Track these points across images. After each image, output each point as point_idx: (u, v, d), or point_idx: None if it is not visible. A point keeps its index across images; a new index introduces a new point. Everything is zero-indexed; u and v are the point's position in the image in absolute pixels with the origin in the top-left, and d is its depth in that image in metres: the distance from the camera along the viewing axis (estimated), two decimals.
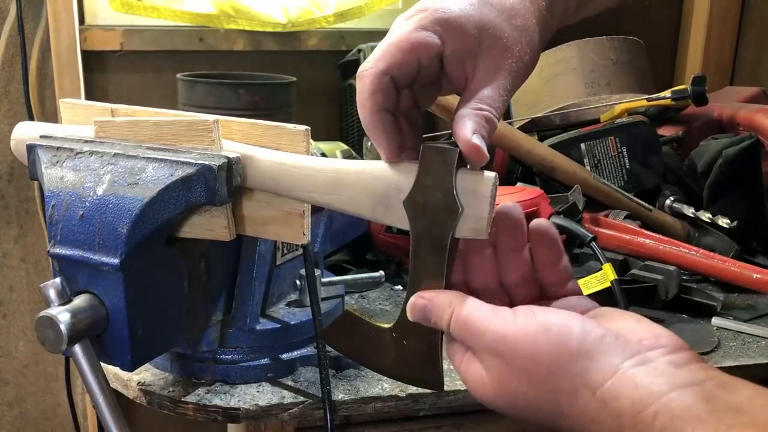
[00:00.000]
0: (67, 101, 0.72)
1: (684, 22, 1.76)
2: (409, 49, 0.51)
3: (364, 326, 0.57)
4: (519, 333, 0.46)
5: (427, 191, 0.51)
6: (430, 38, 0.51)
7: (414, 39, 0.51)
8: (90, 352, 0.60)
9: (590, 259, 0.98)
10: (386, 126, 0.52)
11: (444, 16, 0.52)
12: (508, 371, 0.46)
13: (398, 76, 0.52)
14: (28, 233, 1.58)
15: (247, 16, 1.53)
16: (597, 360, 0.44)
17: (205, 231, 0.64)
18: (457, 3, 0.53)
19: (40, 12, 1.46)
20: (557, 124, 1.33)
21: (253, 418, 0.73)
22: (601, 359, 0.44)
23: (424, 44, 0.51)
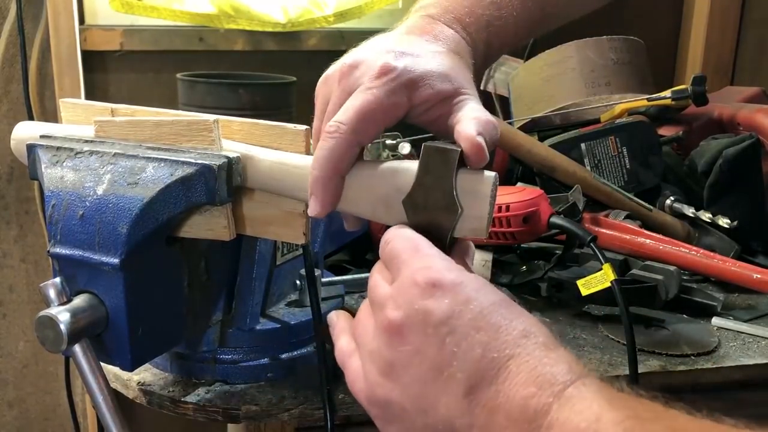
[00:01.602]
0: (67, 101, 0.72)
1: (684, 22, 1.76)
2: (382, 117, 0.54)
3: None
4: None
5: (427, 191, 0.51)
6: (400, 102, 0.54)
7: (387, 106, 0.54)
8: (90, 352, 0.60)
9: (590, 259, 0.98)
10: (337, 190, 0.54)
11: (412, 77, 0.55)
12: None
13: (366, 143, 0.55)
14: (28, 233, 1.58)
15: (246, 16, 1.53)
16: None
17: (205, 231, 0.64)
18: (421, 60, 0.56)
19: (40, 12, 1.46)
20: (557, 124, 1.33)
21: (253, 418, 0.73)
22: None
23: (394, 110, 0.54)
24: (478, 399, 0.42)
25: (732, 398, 0.84)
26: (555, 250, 1.03)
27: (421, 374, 0.44)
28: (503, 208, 0.93)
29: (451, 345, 0.43)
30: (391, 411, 0.46)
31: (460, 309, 0.44)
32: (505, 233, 0.94)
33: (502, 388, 0.42)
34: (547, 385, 0.41)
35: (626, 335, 0.77)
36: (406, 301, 0.46)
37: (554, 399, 0.40)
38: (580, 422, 0.38)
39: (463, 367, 0.43)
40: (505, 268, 1.03)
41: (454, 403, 0.43)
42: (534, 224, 0.93)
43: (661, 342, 0.86)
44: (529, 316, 0.45)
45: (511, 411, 0.41)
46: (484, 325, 0.43)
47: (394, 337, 0.46)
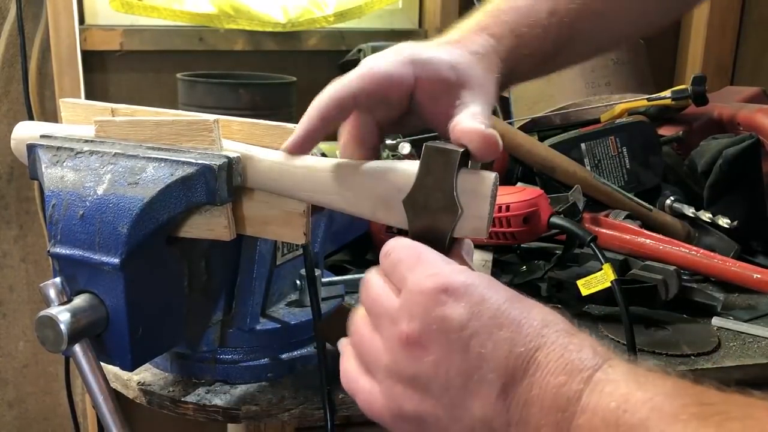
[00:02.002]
0: (67, 101, 0.72)
1: (684, 22, 1.76)
2: (382, 79, 0.55)
3: None
4: None
5: (428, 191, 0.51)
6: (405, 76, 0.55)
7: (389, 71, 0.55)
8: (90, 352, 0.60)
9: (590, 259, 0.98)
10: (315, 130, 0.56)
11: (420, 58, 0.56)
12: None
13: (364, 102, 0.55)
14: (28, 233, 1.58)
15: (246, 16, 1.53)
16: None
17: (205, 231, 0.63)
18: (431, 49, 0.57)
19: (40, 12, 1.46)
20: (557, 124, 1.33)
21: (253, 418, 0.73)
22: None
23: (398, 81, 0.55)
24: (513, 396, 0.42)
25: None
26: (555, 250, 1.03)
27: (450, 382, 0.44)
28: (503, 208, 0.93)
29: (477, 347, 0.43)
30: (423, 424, 0.46)
31: (478, 310, 0.44)
32: (505, 233, 0.94)
33: (533, 380, 0.42)
34: (576, 372, 0.41)
35: (626, 335, 0.77)
36: (420, 311, 0.45)
37: (584, 385, 0.40)
38: (610, 403, 0.39)
39: (492, 366, 0.43)
40: (505, 268, 1.03)
41: (489, 405, 0.43)
42: (534, 224, 0.93)
43: (661, 342, 0.86)
44: (543, 306, 0.45)
45: (544, 402, 0.41)
46: (505, 322, 0.43)
47: (415, 350, 0.45)
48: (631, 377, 0.40)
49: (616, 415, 0.38)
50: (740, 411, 0.36)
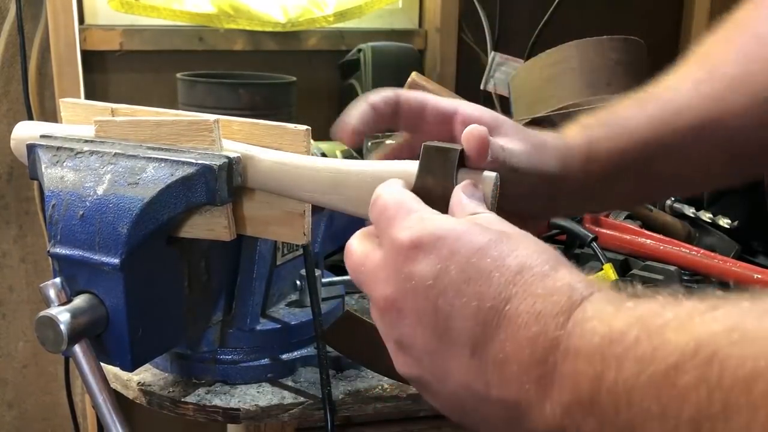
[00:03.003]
0: (67, 101, 0.72)
1: (684, 22, 1.76)
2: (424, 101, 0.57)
3: (364, 327, 0.57)
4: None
5: (428, 191, 0.51)
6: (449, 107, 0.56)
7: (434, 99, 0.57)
8: (90, 352, 0.60)
9: (591, 260, 0.98)
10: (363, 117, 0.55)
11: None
12: None
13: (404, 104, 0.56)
14: (28, 233, 1.58)
15: (246, 16, 1.53)
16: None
17: (205, 231, 0.63)
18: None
19: (40, 12, 1.45)
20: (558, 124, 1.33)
21: (253, 419, 0.73)
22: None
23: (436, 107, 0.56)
24: (486, 354, 0.39)
25: None
26: None
27: (426, 345, 0.41)
28: None
29: (445, 306, 0.40)
30: (420, 384, 0.44)
31: (446, 265, 0.41)
32: None
33: (506, 336, 0.38)
34: (550, 319, 0.37)
35: None
36: (393, 272, 0.43)
37: (562, 330, 0.37)
38: (592, 339, 0.35)
39: (462, 326, 0.40)
40: None
41: (465, 366, 0.40)
42: None
43: None
44: (528, 245, 0.41)
45: (521, 358, 0.38)
46: (474, 275, 0.40)
47: (393, 314, 0.43)
48: (613, 305, 0.37)
49: (601, 349, 0.35)
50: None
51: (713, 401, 0.30)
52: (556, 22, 1.57)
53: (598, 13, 1.72)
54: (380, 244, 0.45)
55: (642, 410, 0.33)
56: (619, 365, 0.34)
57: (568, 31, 1.39)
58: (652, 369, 0.32)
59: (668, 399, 0.32)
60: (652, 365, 0.32)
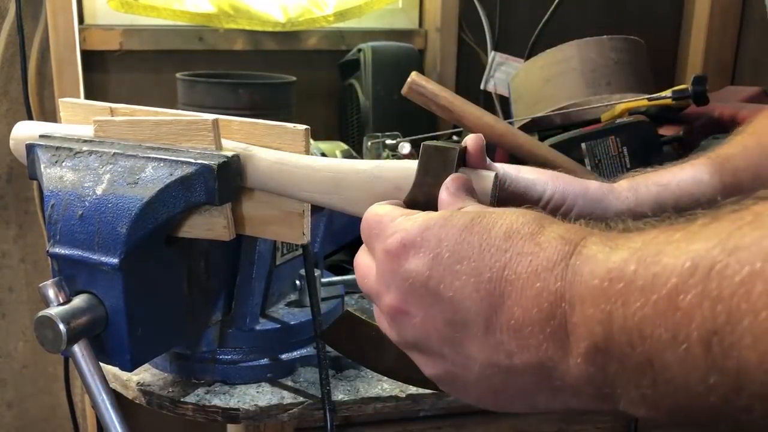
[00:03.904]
0: (66, 101, 0.72)
1: (685, 22, 1.75)
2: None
3: (364, 327, 0.57)
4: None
5: (428, 190, 0.51)
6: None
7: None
8: (89, 353, 0.60)
9: None
10: None
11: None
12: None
13: None
14: (28, 233, 1.58)
15: (246, 16, 1.53)
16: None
17: (204, 231, 0.63)
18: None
19: (40, 11, 1.45)
20: (558, 123, 1.33)
21: (253, 419, 0.73)
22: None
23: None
24: (500, 325, 0.39)
25: None
26: None
27: (441, 336, 0.42)
28: None
29: (447, 292, 0.41)
30: (449, 382, 0.44)
31: (437, 253, 0.41)
32: None
33: (512, 301, 0.38)
34: (547, 273, 0.37)
35: None
36: (390, 277, 0.44)
37: (562, 281, 0.37)
38: (592, 281, 0.36)
39: (468, 305, 0.40)
40: None
41: (483, 344, 0.40)
42: None
43: None
44: (509, 214, 0.42)
45: (531, 318, 0.38)
46: (465, 253, 0.40)
47: (402, 317, 0.43)
48: (607, 245, 0.37)
49: (603, 290, 0.35)
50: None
51: (717, 314, 0.30)
52: (556, 22, 1.57)
53: (598, 13, 1.72)
54: (374, 259, 0.46)
55: (654, 340, 0.33)
56: (625, 301, 0.34)
57: (568, 31, 1.38)
58: (655, 297, 0.32)
59: (675, 323, 0.32)
60: (654, 293, 0.33)
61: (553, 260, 0.38)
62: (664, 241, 0.34)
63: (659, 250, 0.34)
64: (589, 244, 0.38)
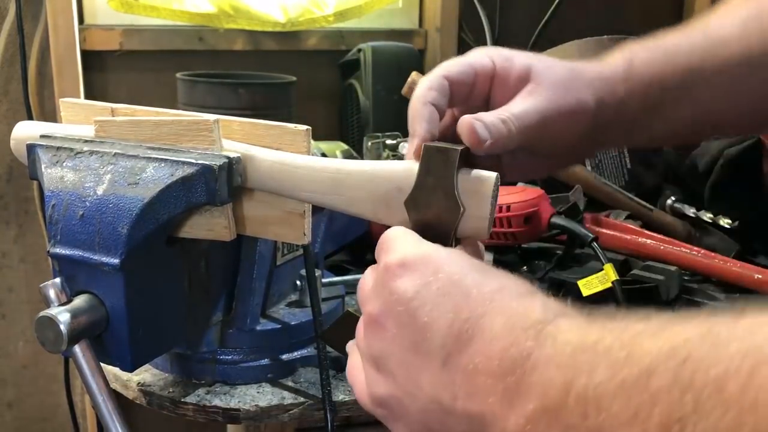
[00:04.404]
0: (66, 101, 0.72)
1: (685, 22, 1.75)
2: (467, 64, 0.56)
3: None
4: None
5: (429, 191, 0.51)
6: (487, 62, 0.57)
7: (472, 58, 0.57)
8: (90, 353, 0.60)
9: (591, 260, 0.98)
10: (429, 118, 0.54)
11: (501, 51, 0.58)
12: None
13: (455, 82, 0.55)
14: (28, 233, 1.58)
15: (246, 16, 1.53)
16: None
17: (205, 231, 0.63)
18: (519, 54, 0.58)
19: (40, 11, 1.45)
20: None
21: (253, 419, 0.73)
22: None
23: (481, 64, 0.56)
24: (456, 365, 0.39)
25: None
26: (556, 251, 1.03)
27: (402, 357, 0.42)
28: (504, 208, 0.93)
29: (423, 317, 0.41)
30: (390, 406, 0.44)
31: (429, 280, 0.42)
32: (506, 233, 0.94)
33: (478, 348, 0.39)
34: (521, 332, 0.38)
35: None
36: (380, 288, 0.44)
37: (532, 341, 0.37)
38: (565, 348, 0.36)
39: (436, 336, 0.40)
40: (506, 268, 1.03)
41: (436, 377, 0.40)
42: (535, 224, 0.93)
43: None
44: (508, 276, 0.43)
45: (490, 369, 0.38)
46: (453, 290, 0.41)
47: (377, 329, 0.44)
48: (588, 321, 0.37)
49: (573, 357, 0.35)
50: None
51: (684, 402, 0.30)
52: (556, 22, 1.57)
53: (598, 13, 1.72)
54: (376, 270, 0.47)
55: (611, 415, 0.32)
56: (591, 371, 0.34)
57: (568, 31, 1.38)
58: (625, 372, 0.32)
59: (639, 402, 0.31)
60: (625, 369, 0.33)
61: (531, 321, 0.38)
62: (643, 327, 0.34)
63: (639, 332, 0.34)
64: (570, 317, 0.38)
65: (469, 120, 0.51)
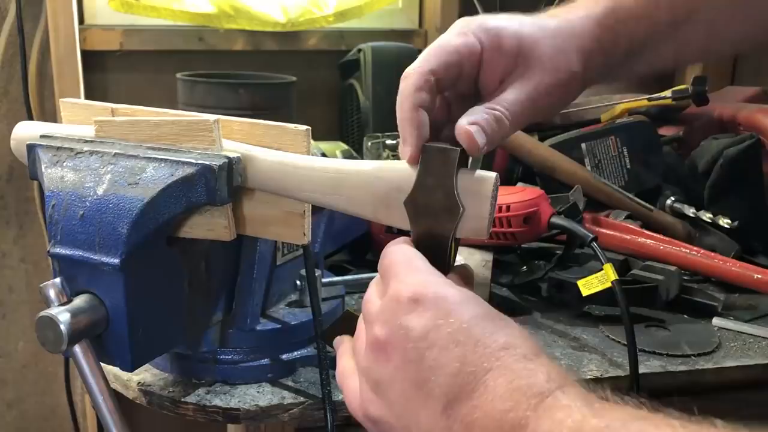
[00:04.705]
0: (67, 101, 0.72)
1: None
2: (453, 51, 0.53)
3: None
4: None
5: (428, 191, 0.51)
6: (473, 43, 0.54)
7: (457, 42, 0.54)
8: (90, 353, 0.60)
9: (591, 260, 0.98)
10: (420, 125, 0.52)
11: (486, 25, 0.54)
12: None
13: (442, 77, 0.53)
14: (28, 233, 1.58)
15: (246, 16, 1.53)
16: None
17: (205, 231, 0.63)
18: (500, 18, 0.55)
19: (40, 12, 1.45)
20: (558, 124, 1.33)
21: (253, 419, 0.73)
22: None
23: (467, 47, 0.53)
24: (456, 414, 0.42)
25: (732, 399, 0.84)
26: (555, 251, 1.03)
27: (403, 390, 0.44)
28: (504, 208, 0.93)
29: (430, 360, 0.43)
30: (381, 428, 0.47)
31: (440, 323, 0.44)
32: (505, 233, 0.94)
33: (479, 403, 0.41)
34: (523, 398, 0.40)
35: (627, 335, 0.77)
36: (390, 318, 0.46)
37: (532, 411, 0.39)
38: (561, 429, 0.38)
39: (440, 381, 0.43)
40: (506, 268, 1.03)
41: (433, 419, 0.43)
42: (534, 224, 0.93)
43: (661, 342, 0.86)
44: (515, 328, 0.45)
45: (487, 426, 0.40)
46: (463, 339, 0.43)
47: (380, 355, 0.46)
48: (584, 403, 0.39)
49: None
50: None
51: None
52: None
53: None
54: (384, 293, 0.48)
55: None
56: None
57: None
58: None
59: None
60: None
61: (533, 390, 0.40)
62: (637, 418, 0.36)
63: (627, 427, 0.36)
64: (569, 393, 0.40)
65: (465, 128, 0.51)
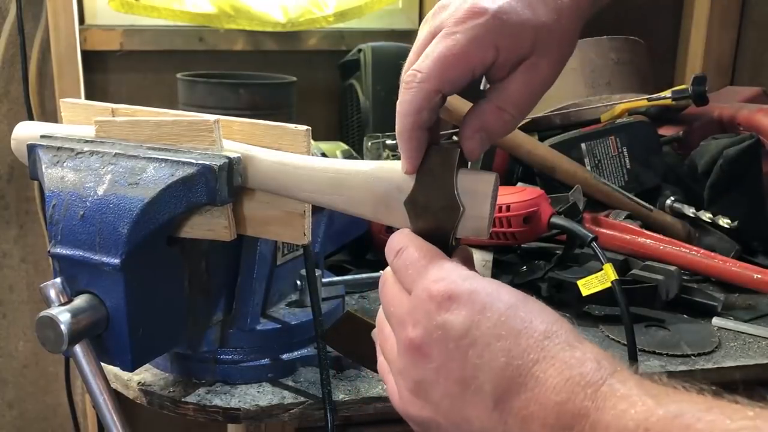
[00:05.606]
0: (67, 101, 0.72)
1: (684, 22, 1.75)
2: (465, 66, 0.48)
3: (364, 327, 0.57)
4: None
5: (429, 191, 0.51)
6: (487, 52, 0.48)
7: (471, 54, 0.47)
8: (90, 353, 0.60)
9: (591, 260, 0.98)
10: (421, 143, 0.50)
11: (501, 23, 0.47)
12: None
13: (449, 91, 0.49)
14: (28, 233, 1.58)
15: (246, 16, 1.53)
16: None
17: (205, 231, 0.63)
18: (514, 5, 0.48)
19: (40, 12, 1.45)
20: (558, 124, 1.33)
21: (254, 419, 0.73)
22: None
23: (481, 59, 0.48)
24: (509, 409, 0.42)
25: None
26: (555, 251, 1.03)
27: (448, 390, 0.44)
28: (504, 208, 0.93)
29: (474, 357, 0.43)
30: (427, 427, 0.46)
31: (479, 318, 0.44)
32: (505, 233, 0.94)
33: (532, 395, 0.41)
34: (578, 388, 0.40)
35: (627, 335, 0.77)
36: (423, 317, 0.45)
37: (590, 401, 0.39)
38: (627, 423, 0.37)
39: (488, 377, 0.42)
40: (506, 268, 1.03)
41: (485, 416, 0.43)
42: (534, 224, 0.93)
43: (661, 342, 0.86)
44: (549, 313, 0.44)
45: (546, 418, 0.40)
46: (504, 332, 0.43)
47: (418, 356, 0.46)
48: (643, 391, 0.39)
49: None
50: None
51: None
52: None
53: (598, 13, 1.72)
54: (409, 291, 0.48)
55: None
56: None
57: None
58: None
59: None
60: None
61: (586, 379, 0.40)
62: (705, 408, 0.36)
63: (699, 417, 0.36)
64: (623, 381, 0.40)
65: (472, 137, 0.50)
